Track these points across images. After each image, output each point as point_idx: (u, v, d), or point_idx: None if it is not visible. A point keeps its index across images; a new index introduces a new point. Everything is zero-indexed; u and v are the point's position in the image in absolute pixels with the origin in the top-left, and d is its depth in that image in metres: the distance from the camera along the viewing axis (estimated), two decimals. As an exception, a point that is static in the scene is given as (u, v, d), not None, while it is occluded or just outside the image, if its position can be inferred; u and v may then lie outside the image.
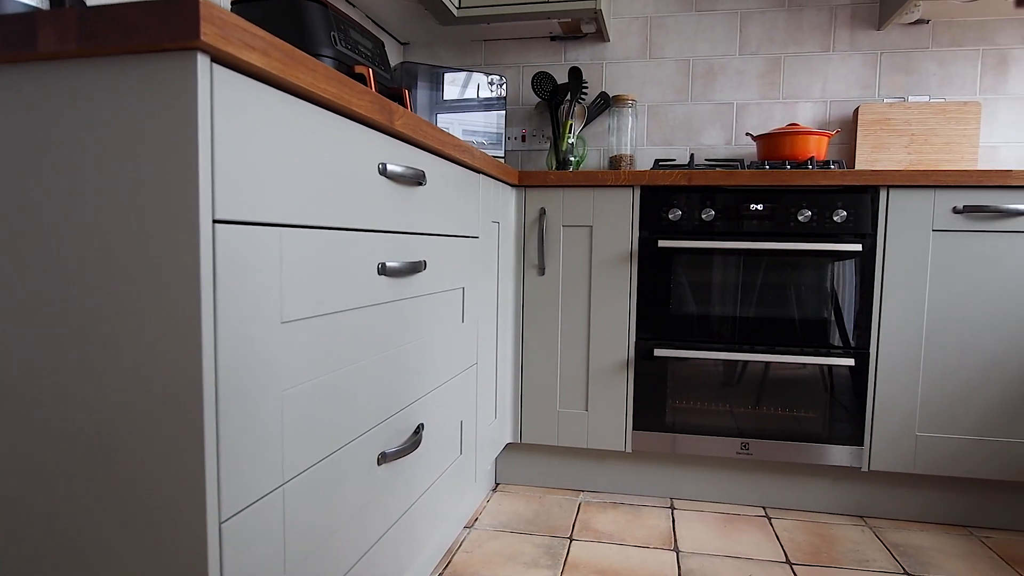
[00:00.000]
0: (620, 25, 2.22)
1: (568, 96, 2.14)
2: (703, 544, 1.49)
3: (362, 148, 0.89)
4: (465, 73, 2.15)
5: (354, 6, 2.03)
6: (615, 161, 2.14)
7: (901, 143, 1.96)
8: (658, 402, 1.70)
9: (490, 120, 2.21)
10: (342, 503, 0.87)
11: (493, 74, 2.16)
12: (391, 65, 2.15)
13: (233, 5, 1.31)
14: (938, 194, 1.53)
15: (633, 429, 1.72)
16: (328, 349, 0.83)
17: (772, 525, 1.60)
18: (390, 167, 0.96)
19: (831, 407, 1.61)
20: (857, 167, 1.97)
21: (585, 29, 2.18)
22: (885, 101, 2.01)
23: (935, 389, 1.56)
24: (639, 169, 2.16)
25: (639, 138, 2.24)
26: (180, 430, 0.60)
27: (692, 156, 1.96)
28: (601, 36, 2.23)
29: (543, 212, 1.73)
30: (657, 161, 1.95)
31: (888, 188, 1.56)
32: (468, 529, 1.56)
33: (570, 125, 2.13)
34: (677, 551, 1.46)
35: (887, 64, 2.04)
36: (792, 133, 1.86)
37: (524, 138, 2.35)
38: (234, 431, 0.64)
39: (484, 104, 2.18)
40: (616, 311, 1.70)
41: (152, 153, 0.59)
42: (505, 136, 2.30)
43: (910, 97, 2.03)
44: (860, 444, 1.60)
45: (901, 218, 1.55)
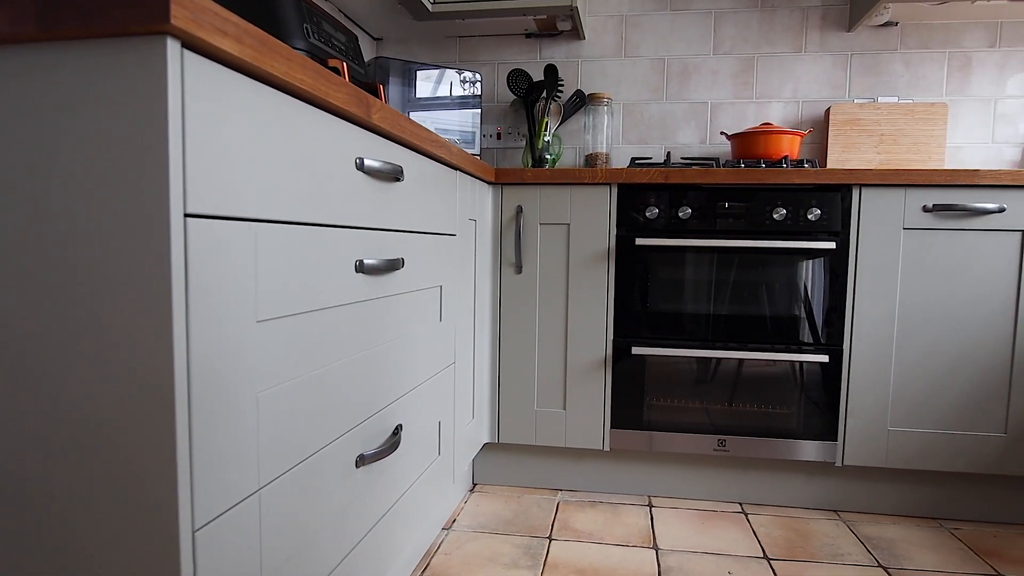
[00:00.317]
0: (595, 23, 2.21)
1: (544, 94, 2.13)
2: (682, 541, 1.50)
3: (339, 142, 0.87)
4: (440, 69, 2.12)
5: None
6: (591, 159, 2.14)
7: (871, 143, 1.99)
8: (636, 400, 1.70)
9: (465, 117, 2.19)
10: (320, 507, 0.85)
11: (468, 71, 2.14)
12: (365, 60, 2.11)
13: (201, -5, 1.27)
14: (908, 193, 1.56)
15: (611, 427, 1.71)
16: (305, 349, 0.80)
17: (749, 521, 1.61)
18: (367, 162, 0.94)
19: (806, 403, 1.63)
20: (829, 166, 2.00)
21: (561, 27, 2.17)
22: (855, 101, 2.04)
23: (906, 385, 1.59)
24: (615, 167, 2.16)
25: (615, 136, 2.24)
26: (151, 435, 0.58)
27: (668, 154, 1.97)
28: (577, 34, 2.23)
29: (520, 210, 1.72)
30: (633, 159, 1.95)
31: (860, 187, 1.58)
32: (446, 531, 1.54)
33: (546, 123, 2.12)
34: (656, 548, 1.46)
35: (857, 65, 2.08)
36: (766, 132, 1.88)
37: (499, 136, 2.33)
38: (208, 435, 0.62)
39: (459, 101, 2.16)
40: (594, 309, 1.70)
41: (119, 144, 0.56)
42: (480, 134, 2.28)
43: (880, 98, 2.06)
44: (834, 439, 1.62)
45: (873, 216, 1.57)
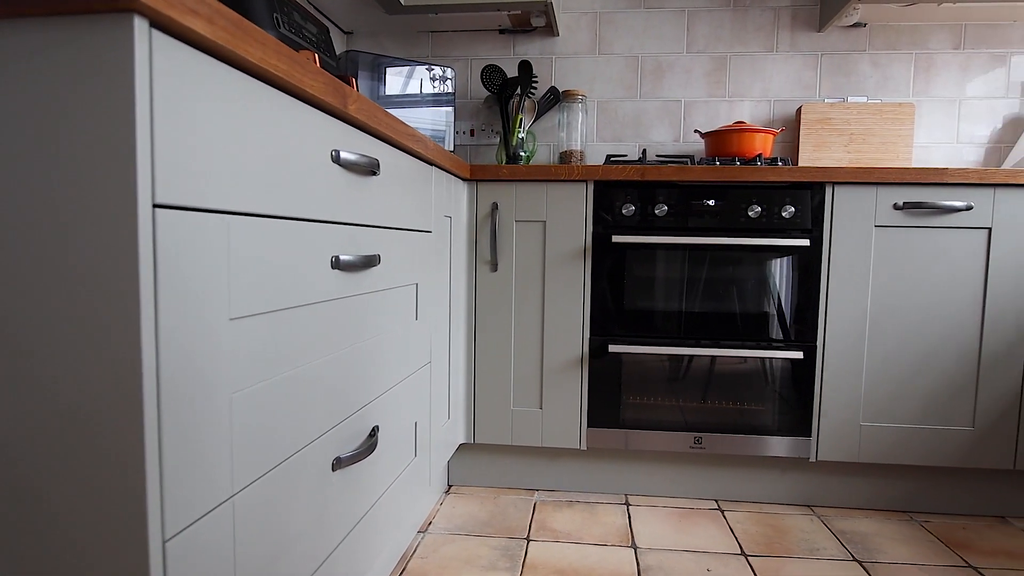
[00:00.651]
0: (569, 20, 2.20)
1: (518, 90, 2.11)
2: (660, 539, 1.49)
3: (314, 133, 0.83)
4: (412, 65, 2.09)
5: (295, -10, 1.94)
6: (565, 157, 2.12)
7: (841, 142, 2.02)
8: (612, 399, 1.69)
9: (438, 113, 2.16)
10: (296, 513, 0.81)
11: (441, 66, 2.11)
12: (336, 53, 2.07)
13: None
14: (880, 191, 1.58)
15: (588, 426, 1.70)
16: (280, 348, 0.76)
17: (725, 517, 1.62)
18: (343, 154, 0.91)
19: (780, 400, 1.64)
20: (800, 165, 2.02)
21: (535, 23, 2.15)
22: (826, 101, 2.07)
23: (877, 380, 1.61)
24: (590, 164, 2.15)
25: (589, 134, 2.23)
26: (117, 440, 0.54)
27: (644, 151, 1.97)
28: (551, 30, 2.21)
29: (495, 207, 1.70)
30: (609, 157, 1.94)
31: (833, 185, 1.60)
32: (422, 534, 1.50)
33: (520, 120, 2.10)
34: (635, 547, 1.45)
35: (827, 65, 2.11)
36: (740, 130, 1.89)
37: (473, 133, 2.30)
38: (179, 439, 0.58)
39: (432, 96, 2.12)
40: (570, 307, 1.69)
41: (82, 129, 0.52)
42: (454, 130, 2.25)
43: (849, 98, 2.10)
44: (808, 435, 1.63)
45: (846, 214, 1.59)
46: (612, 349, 1.65)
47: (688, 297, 1.65)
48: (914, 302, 1.59)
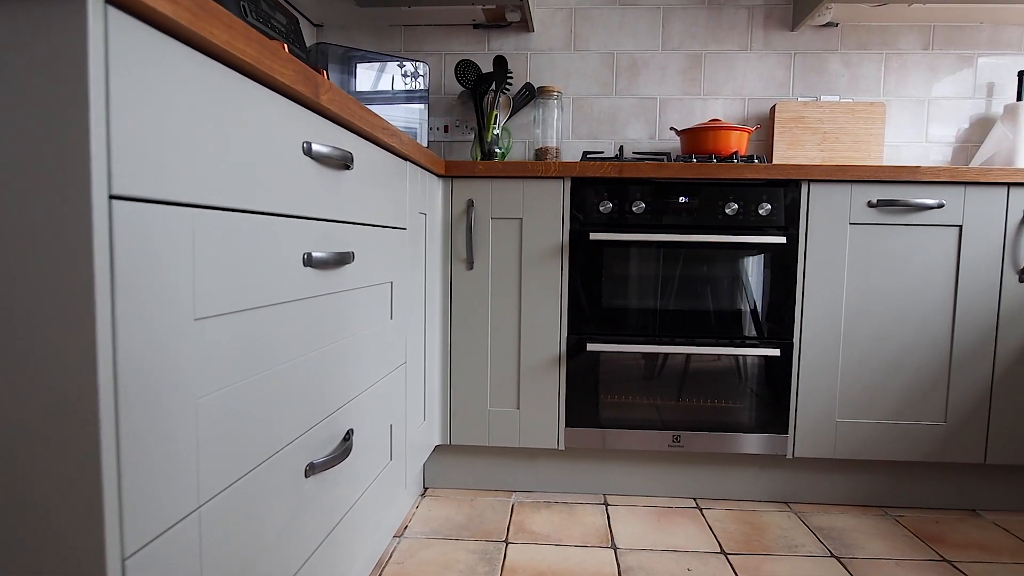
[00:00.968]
0: (544, 16, 2.18)
1: (493, 86, 2.08)
2: (639, 539, 1.48)
3: (284, 123, 0.79)
4: (385, 58, 2.04)
5: (263, -20, 1.88)
6: (541, 153, 2.10)
7: (815, 140, 2.03)
8: (590, 398, 1.67)
9: (411, 108, 2.12)
10: (267, 523, 0.77)
11: (414, 60, 2.07)
12: (306, 45, 2.01)
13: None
14: (854, 189, 1.59)
15: (566, 426, 1.68)
16: (249, 349, 0.72)
17: (704, 516, 1.61)
18: (315, 147, 0.87)
19: (758, 397, 1.64)
20: (775, 163, 2.03)
21: (510, 18, 2.12)
22: (799, 100, 2.08)
23: (853, 377, 1.62)
24: (568, 161, 2.13)
25: (564, 131, 2.21)
26: (71, 453, 0.49)
27: (621, 148, 1.95)
28: (526, 26, 2.18)
29: (471, 204, 1.66)
30: (585, 153, 1.92)
31: (809, 182, 1.60)
32: (398, 539, 1.47)
33: (495, 116, 2.07)
34: (615, 548, 1.43)
35: (800, 64, 2.12)
36: (715, 128, 1.89)
37: (447, 129, 2.26)
38: (139, 450, 0.54)
39: (405, 91, 2.08)
40: (547, 305, 1.66)
41: (31, 113, 0.48)
42: (427, 126, 2.21)
43: (822, 96, 2.11)
44: (785, 432, 1.64)
45: (821, 212, 1.60)
46: (590, 348, 1.63)
47: (666, 295, 1.64)
48: (888, 299, 1.60)
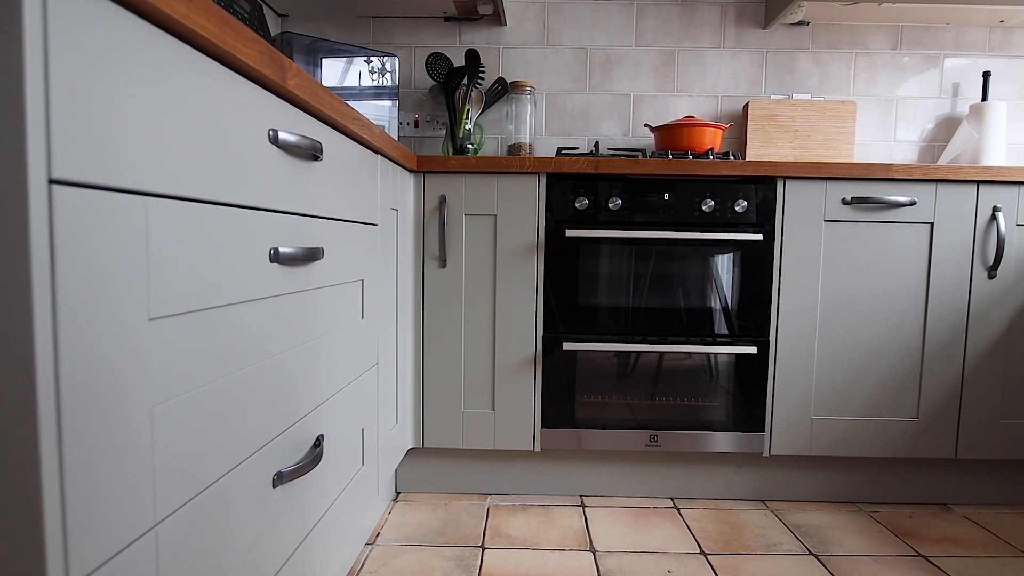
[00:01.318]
0: (517, 9, 2.14)
1: (464, 80, 2.04)
2: (618, 541, 1.45)
3: (249, 108, 0.74)
4: (353, 49, 1.98)
5: (225, -34, 1.80)
6: (514, 149, 2.06)
7: (787, 138, 2.04)
8: (567, 398, 1.64)
9: (381, 102, 2.06)
10: (232, 539, 0.72)
11: (382, 52, 2.01)
12: (271, 35, 1.93)
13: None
14: (829, 186, 1.59)
15: (542, 427, 1.65)
16: (211, 351, 0.67)
17: (682, 515, 1.60)
18: (282, 135, 0.81)
19: (735, 395, 1.63)
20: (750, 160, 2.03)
21: (482, 11, 2.08)
22: (772, 98, 2.08)
23: (828, 374, 1.62)
24: (543, 156, 2.10)
25: (537, 127, 2.18)
26: (7, 470, 0.44)
27: (597, 144, 1.93)
28: (498, 19, 2.14)
29: (444, 200, 1.62)
30: (560, 149, 1.89)
31: (785, 179, 1.60)
32: (370, 546, 1.41)
33: (467, 111, 2.02)
34: (594, 551, 1.40)
35: (772, 62, 2.12)
36: (690, 125, 1.87)
37: (417, 123, 2.21)
38: (86, 464, 0.48)
39: (374, 83, 2.02)
40: (522, 304, 1.63)
41: (-48, 82, 0.42)
42: (397, 121, 2.16)
43: (794, 95, 2.12)
44: (762, 430, 1.63)
45: (797, 209, 1.59)
46: (566, 347, 1.60)
47: (643, 293, 1.62)
48: (862, 296, 1.61)
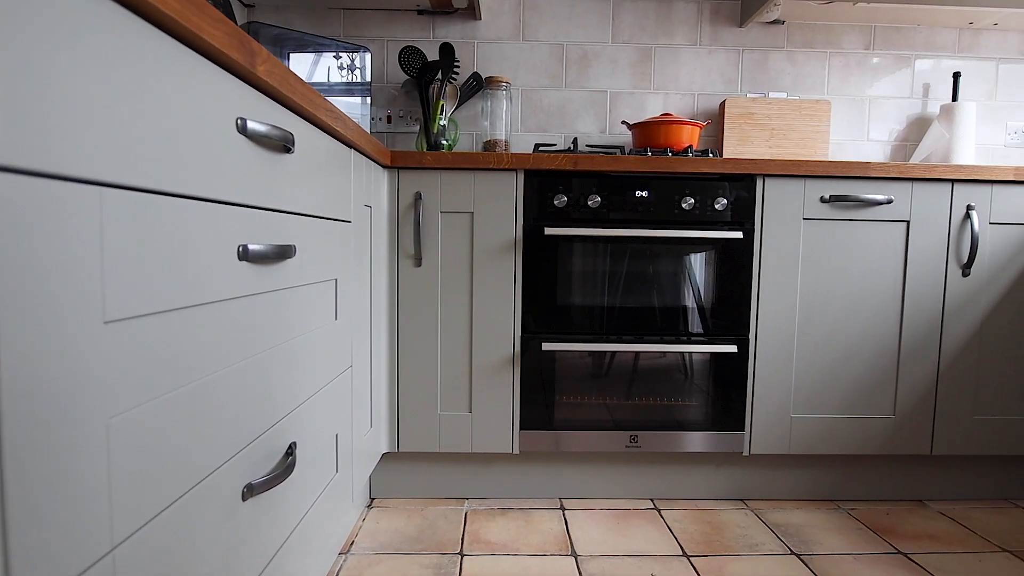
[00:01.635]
0: (492, 3, 2.10)
1: (439, 75, 1.99)
2: (600, 545, 1.42)
3: (215, 94, 0.69)
4: (323, 40, 1.92)
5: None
6: (489, 146, 2.02)
7: (763, 137, 2.04)
8: (546, 399, 1.61)
9: (352, 96, 2.00)
10: (198, 558, 0.67)
11: (352, 44, 1.96)
12: (237, 23, 1.86)
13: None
14: (808, 184, 1.58)
15: (520, 429, 1.61)
16: (174, 357, 0.62)
17: (663, 516, 1.58)
18: (251, 124, 0.76)
19: (716, 394, 1.62)
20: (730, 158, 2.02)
21: (456, 4, 2.04)
22: (748, 96, 2.08)
23: (806, 372, 1.62)
24: (521, 152, 2.06)
25: (513, 123, 2.14)
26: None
27: (575, 141, 1.90)
28: (473, 13, 2.10)
29: (419, 197, 1.57)
30: (537, 146, 1.86)
31: (764, 177, 1.59)
32: (344, 555, 1.36)
33: (442, 106, 1.98)
34: (575, 555, 1.37)
35: (748, 61, 2.12)
36: (668, 123, 1.86)
37: (390, 119, 2.16)
38: (32, 486, 0.43)
39: (346, 78, 1.97)
40: (500, 303, 1.59)
41: None
42: (370, 116, 2.10)
43: (770, 93, 2.12)
44: (742, 430, 1.62)
45: (776, 206, 1.59)
46: (545, 347, 1.57)
47: (623, 291, 1.60)
48: (840, 294, 1.61)
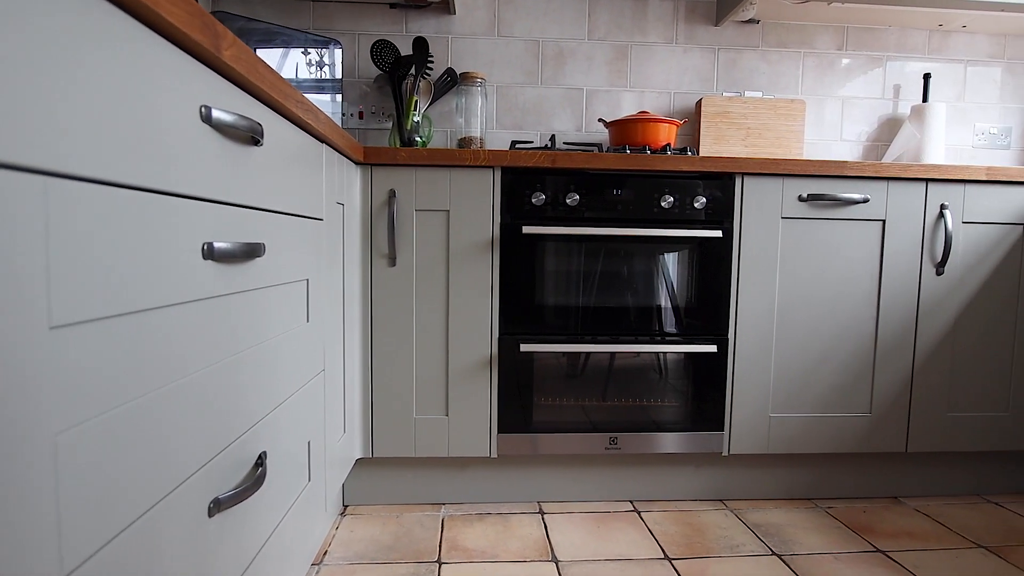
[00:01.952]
0: (467, -2, 2.06)
1: (412, 70, 1.94)
2: (580, 550, 1.40)
3: (176, 79, 0.64)
4: (292, 32, 1.86)
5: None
6: (464, 143, 1.98)
7: (739, 136, 2.04)
8: (524, 401, 1.58)
9: (323, 91, 1.94)
10: (159, 582, 0.62)
11: (323, 39, 1.90)
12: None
13: None
14: (786, 183, 1.58)
15: (498, 432, 1.58)
16: (131, 364, 0.57)
17: (643, 519, 1.56)
18: (216, 113, 0.71)
19: (695, 395, 1.60)
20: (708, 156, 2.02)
21: (430, -3, 1.99)
22: (724, 95, 2.08)
23: (784, 371, 1.62)
24: (498, 149, 2.03)
25: (488, 120, 2.11)
26: None
27: (553, 138, 1.87)
28: (447, 7, 2.06)
29: (393, 194, 1.52)
30: (514, 143, 1.83)
31: (743, 176, 1.58)
32: (316, 567, 1.31)
33: (415, 102, 1.93)
34: (556, 561, 1.34)
35: (723, 59, 2.12)
36: (645, 121, 1.84)
37: (362, 115, 2.10)
38: (-35, 515, 0.38)
39: (316, 72, 1.91)
40: (477, 304, 1.55)
41: None
42: (341, 111, 2.05)
43: (746, 92, 2.12)
44: (721, 430, 1.61)
45: (755, 205, 1.58)
46: (524, 348, 1.54)
47: (603, 291, 1.57)
48: (818, 293, 1.61)
